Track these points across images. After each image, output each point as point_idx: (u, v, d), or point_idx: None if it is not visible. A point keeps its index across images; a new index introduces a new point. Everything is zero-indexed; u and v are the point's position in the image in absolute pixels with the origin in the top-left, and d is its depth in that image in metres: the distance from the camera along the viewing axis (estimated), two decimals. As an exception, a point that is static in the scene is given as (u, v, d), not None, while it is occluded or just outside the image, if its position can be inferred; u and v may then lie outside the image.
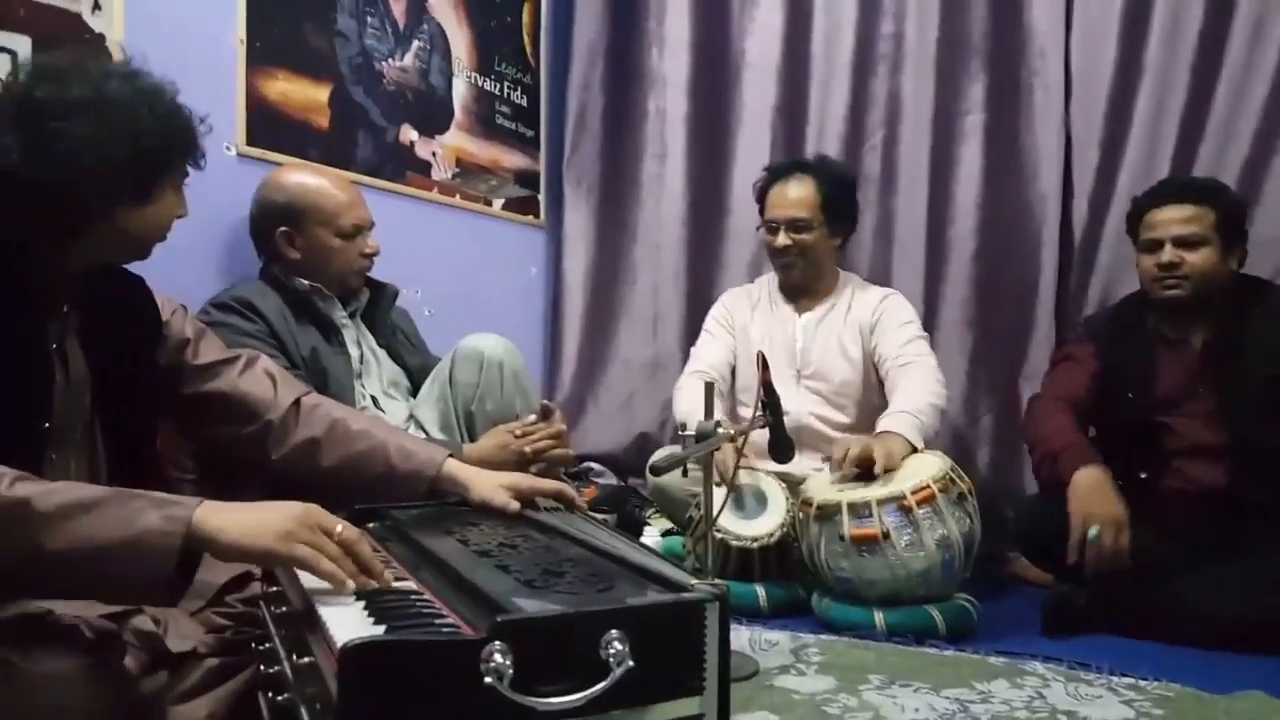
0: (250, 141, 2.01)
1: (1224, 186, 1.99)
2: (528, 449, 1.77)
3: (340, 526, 0.96)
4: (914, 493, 1.77)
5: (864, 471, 1.89)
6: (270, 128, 2.06)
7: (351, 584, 0.90)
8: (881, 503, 1.78)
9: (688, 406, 2.22)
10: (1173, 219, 1.93)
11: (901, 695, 1.41)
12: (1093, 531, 1.73)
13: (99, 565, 0.87)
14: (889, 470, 1.87)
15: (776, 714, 1.33)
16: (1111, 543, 1.73)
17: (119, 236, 1.10)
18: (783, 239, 2.26)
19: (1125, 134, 2.35)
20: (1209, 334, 1.95)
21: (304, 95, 2.15)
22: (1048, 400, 2.04)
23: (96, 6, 1.69)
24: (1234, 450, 1.89)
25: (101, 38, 1.69)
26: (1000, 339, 2.52)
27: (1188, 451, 1.94)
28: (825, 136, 2.69)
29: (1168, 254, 1.92)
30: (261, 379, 1.31)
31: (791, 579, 2.01)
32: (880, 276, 2.60)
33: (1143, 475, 1.97)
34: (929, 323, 2.51)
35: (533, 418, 1.83)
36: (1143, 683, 1.47)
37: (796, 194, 2.26)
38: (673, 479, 2.09)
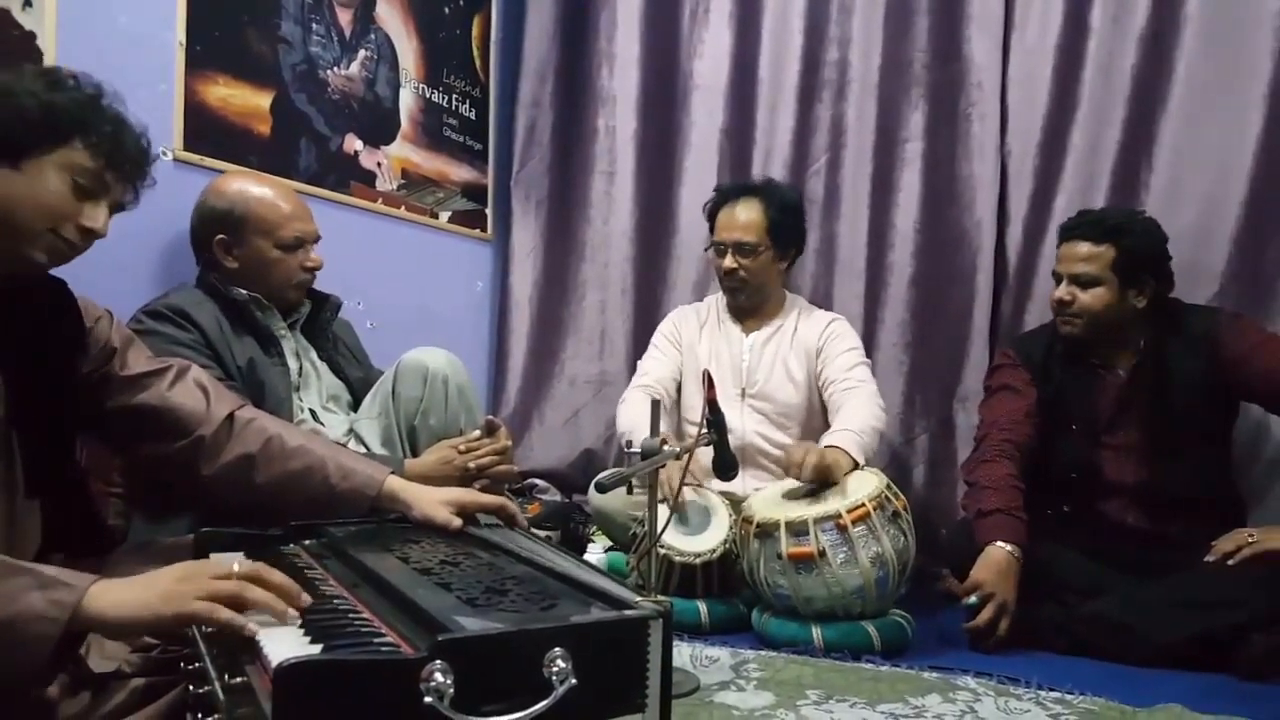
0: (188, 147, 1.96)
1: (1133, 224, 2.00)
2: (471, 465, 1.75)
3: (235, 566, 0.88)
4: (849, 511, 1.80)
5: (811, 485, 1.93)
6: (209, 133, 2.01)
7: (253, 628, 0.82)
8: (818, 521, 1.80)
9: (631, 421, 2.22)
10: (1072, 256, 2.00)
11: (838, 710, 1.43)
12: (973, 599, 1.80)
13: None
14: (830, 483, 1.91)
15: (716, 731, 1.33)
16: (987, 618, 1.79)
17: None
18: (729, 262, 2.29)
19: (1060, 164, 2.43)
20: (1132, 364, 2.02)
21: (245, 101, 2.11)
22: (995, 442, 2.03)
23: (27, 3, 1.63)
24: (1152, 490, 1.97)
25: (32, 35, 1.63)
26: (936, 361, 2.58)
27: (1112, 490, 2.01)
28: (771, 159, 2.73)
29: (1061, 290, 2.01)
30: (193, 391, 1.26)
31: (733, 595, 2.03)
32: (822, 299, 2.64)
33: (1066, 509, 2.04)
34: (868, 344, 2.56)
35: (477, 433, 1.81)
36: (1069, 697, 1.51)
37: (745, 218, 2.28)
38: (615, 499, 2.09)
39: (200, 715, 0.88)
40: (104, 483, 1.56)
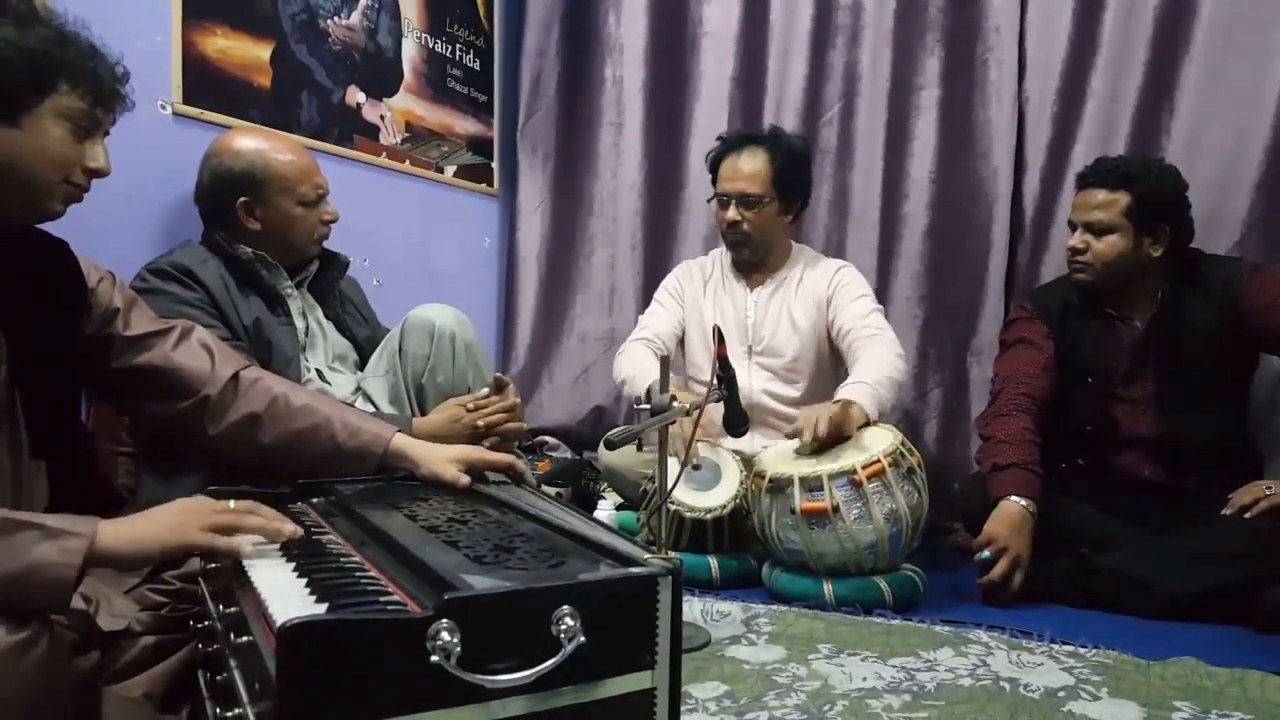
0: (187, 100, 1.92)
1: (1149, 171, 1.95)
2: (480, 423, 1.74)
3: (232, 503, 0.99)
4: (864, 467, 1.78)
5: (825, 442, 1.90)
6: (209, 87, 1.97)
7: (248, 549, 0.92)
8: (832, 477, 1.79)
9: (629, 370, 2.20)
10: (1086, 203, 1.97)
11: (849, 664, 1.43)
12: (986, 553, 1.79)
13: None
14: (843, 438, 1.89)
15: (727, 684, 1.33)
16: (1002, 573, 1.78)
17: None
18: (733, 213, 2.23)
19: (1079, 111, 2.37)
20: (1149, 315, 1.99)
21: (244, 53, 2.06)
22: (1011, 396, 2.00)
23: (17, -48, 1.59)
24: (1168, 443, 1.95)
25: (24, -15, 1.60)
26: (950, 315, 2.55)
27: (1128, 443, 1.99)
28: (783, 109, 2.67)
29: (1075, 239, 1.98)
30: (198, 351, 1.25)
31: (744, 550, 2.03)
32: (834, 251, 2.61)
33: (1080, 462, 2.03)
34: (881, 298, 2.52)
35: (485, 391, 1.79)
36: (1082, 650, 1.50)
37: (749, 168, 2.21)
38: (625, 456, 2.08)
39: (209, 673, 0.88)
40: (112, 442, 1.56)
